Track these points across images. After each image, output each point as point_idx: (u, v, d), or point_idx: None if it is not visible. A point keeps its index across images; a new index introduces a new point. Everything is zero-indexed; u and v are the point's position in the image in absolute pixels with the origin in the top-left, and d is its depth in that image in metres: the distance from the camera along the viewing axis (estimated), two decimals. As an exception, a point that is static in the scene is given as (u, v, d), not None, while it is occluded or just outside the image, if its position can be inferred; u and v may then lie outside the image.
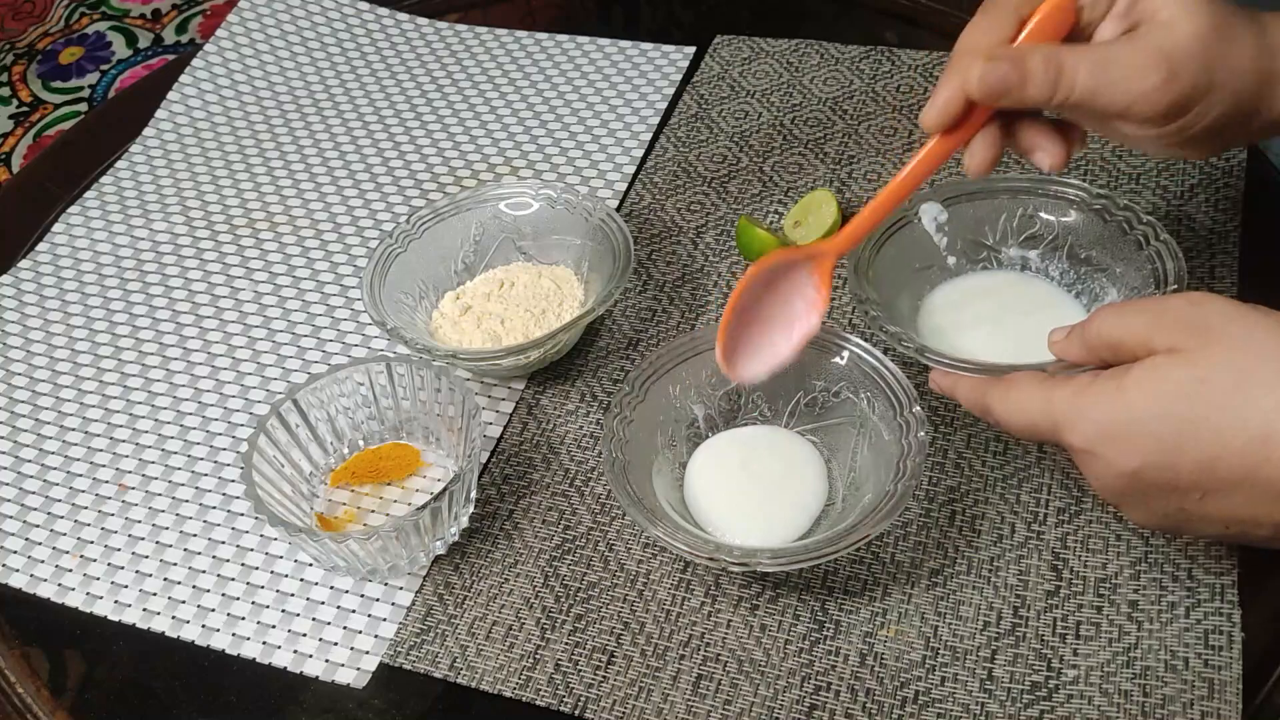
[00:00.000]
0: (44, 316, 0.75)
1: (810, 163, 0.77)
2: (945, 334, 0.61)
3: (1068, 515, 0.57)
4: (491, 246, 0.71)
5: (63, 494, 0.65)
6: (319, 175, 0.83)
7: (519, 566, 0.59)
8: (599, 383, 0.66)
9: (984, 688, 0.52)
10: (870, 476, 0.56)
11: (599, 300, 0.63)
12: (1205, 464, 0.45)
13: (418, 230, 0.69)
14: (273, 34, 0.94)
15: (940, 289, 0.64)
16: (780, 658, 0.54)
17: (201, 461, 0.66)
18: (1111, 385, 0.47)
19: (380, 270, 0.66)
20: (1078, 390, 0.48)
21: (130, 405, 0.69)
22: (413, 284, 0.68)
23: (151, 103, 0.89)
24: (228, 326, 0.73)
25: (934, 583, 0.56)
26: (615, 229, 0.66)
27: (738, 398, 0.61)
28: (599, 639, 0.55)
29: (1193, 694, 0.50)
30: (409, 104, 0.87)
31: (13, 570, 0.62)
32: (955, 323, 0.62)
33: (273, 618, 0.58)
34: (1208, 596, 0.53)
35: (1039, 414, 0.50)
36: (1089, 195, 0.62)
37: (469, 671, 0.55)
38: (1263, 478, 0.44)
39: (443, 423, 0.62)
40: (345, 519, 0.61)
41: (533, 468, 0.63)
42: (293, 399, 0.60)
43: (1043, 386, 0.50)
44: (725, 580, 0.57)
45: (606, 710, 0.53)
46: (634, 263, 0.65)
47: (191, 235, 0.79)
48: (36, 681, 0.58)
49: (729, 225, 0.74)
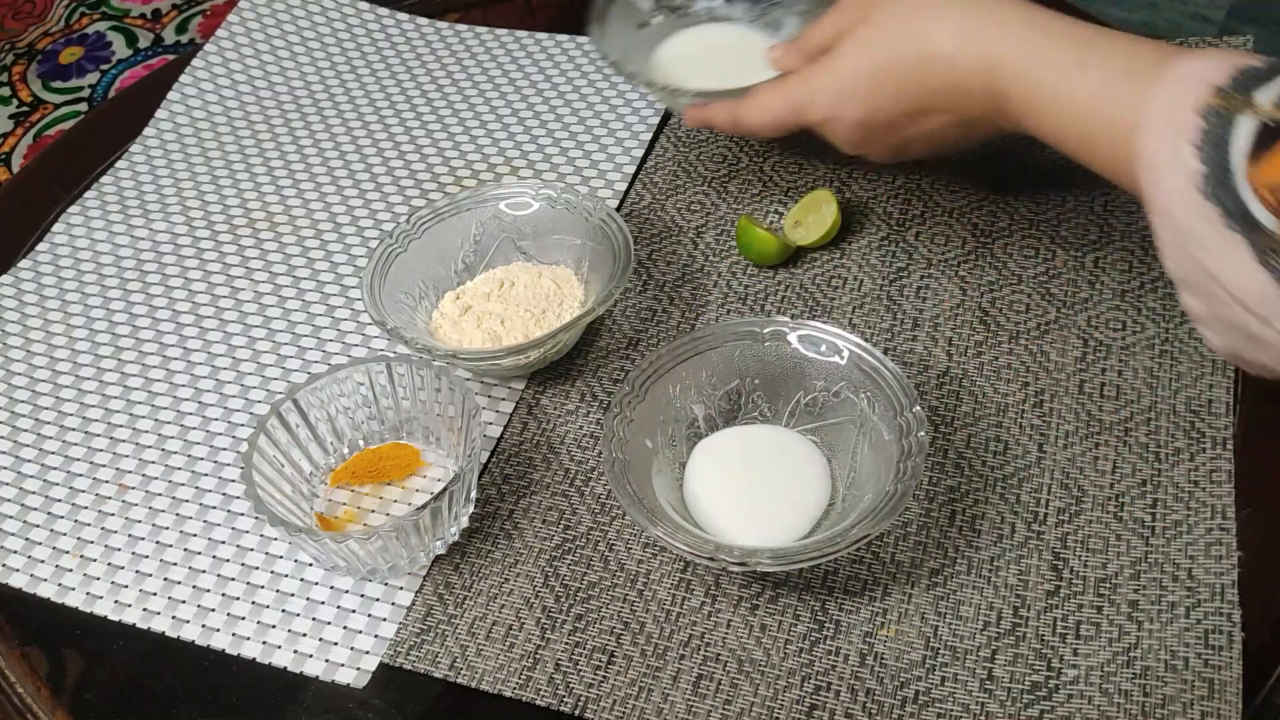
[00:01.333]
0: (44, 316, 0.75)
1: (810, 162, 0.77)
2: (682, 81, 0.72)
3: (1068, 515, 0.57)
4: (491, 246, 0.71)
5: (63, 494, 0.65)
6: (319, 175, 0.83)
7: (519, 566, 0.59)
8: (599, 383, 0.66)
9: (984, 688, 0.52)
10: (870, 476, 0.56)
11: (599, 300, 0.63)
12: (906, 92, 0.59)
13: (418, 230, 0.69)
14: (273, 34, 0.94)
15: (663, 46, 0.75)
16: (780, 658, 0.54)
17: (201, 461, 0.66)
18: (825, 62, 0.62)
19: (380, 270, 0.66)
20: (803, 77, 0.63)
21: (130, 405, 0.69)
22: (413, 284, 0.68)
23: (151, 103, 0.89)
24: (228, 326, 0.73)
25: (934, 583, 0.56)
26: (615, 229, 0.66)
27: (738, 397, 0.61)
28: (599, 639, 0.55)
29: (1193, 694, 0.50)
30: (409, 104, 0.87)
31: (13, 570, 0.62)
32: (684, 73, 0.74)
33: (273, 618, 0.58)
34: (1208, 596, 0.53)
35: (781, 107, 0.64)
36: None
37: (469, 671, 0.55)
38: (936, 85, 0.58)
39: (443, 423, 0.62)
40: (345, 519, 0.61)
41: (533, 468, 0.63)
42: (293, 399, 0.60)
43: (778, 86, 0.64)
44: (725, 580, 0.57)
45: (606, 710, 0.53)
46: (634, 263, 0.65)
47: (191, 235, 0.79)
48: (36, 681, 0.58)
49: (729, 225, 0.74)
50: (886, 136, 0.62)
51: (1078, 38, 0.54)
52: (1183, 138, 0.48)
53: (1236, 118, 0.47)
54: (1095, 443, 0.60)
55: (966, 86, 0.57)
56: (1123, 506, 0.57)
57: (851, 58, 0.61)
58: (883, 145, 0.63)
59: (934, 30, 0.58)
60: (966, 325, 0.66)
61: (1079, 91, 0.53)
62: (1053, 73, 0.54)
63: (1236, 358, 0.51)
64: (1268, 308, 0.47)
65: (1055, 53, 0.54)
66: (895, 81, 0.59)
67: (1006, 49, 0.56)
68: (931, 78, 0.58)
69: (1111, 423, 0.61)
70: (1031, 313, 0.66)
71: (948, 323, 0.67)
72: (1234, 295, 0.47)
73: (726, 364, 0.61)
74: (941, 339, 0.66)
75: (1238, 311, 0.48)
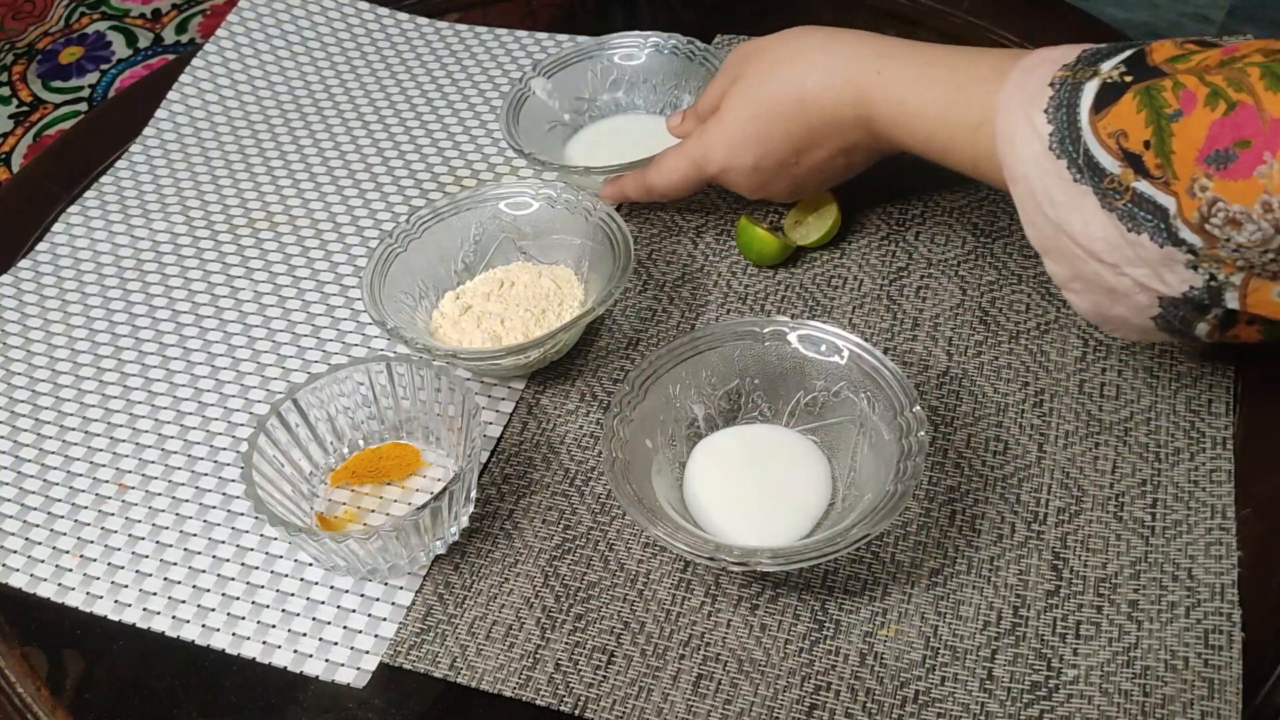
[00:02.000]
0: (44, 316, 0.75)
1: (810, 162, 0.77)
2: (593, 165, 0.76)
3: (1068, 515, 0.57)
4: (491, 246, 0.71)
5: (63, 494, 0.65)
6: (319, 175, 0.83)
7: (519, 566, 0.59)
8: (599, 383, 0.66)
9: (984, 687, 0.52)
10: (870, 476, 0.56)
11: (599, 300, 0.63)
12: (791, 132, 0.64)
13: (417, 230, 0.69)
14: (273, 34, 0.94)
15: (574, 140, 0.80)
16: (780, 657, 0.54)
17: (201, 461, 0.66)
18: (714, 120, 0.67)
19: (380, 270, 0.66)
20: (698, 135, 0.68)
21: (130, 405, 0.69)
22: (413, 284, 0.68)
23: (151, 102, 0.89)
24: (228, 326, 0.73)
25: (934, 582, 0.56)
26: (615, 228, 0.66)
27: (738, 397, 0.61)
28: (599, 639, 0.55)
29: (1193, 694, 0.50)
30: (409, 104, 0.87)
31: (13, 570, 0.62)
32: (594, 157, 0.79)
33: (273, 617, 0.58)
34: (1208, 596, 0.53)
35: (683, 165, 0.68)
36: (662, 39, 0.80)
37: (469, 671, 0.55)
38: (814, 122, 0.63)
39: (443, 422, 0.62)
40: (345, 519, 0.61)
41: (533, 467, 0.63)
42: (293, 399, 0.60)
43: (678, 148, 0.69)
44: (725, 580, 0.57)
45: (606, 710, 0.53)
46: (634, 262, 0.65)
47: (191, 235, 0.79)
48: (36, 681, 0.58)
49: (729, 225, 0.74)
50: (781, 176, 0.67)
51: (924, 56, 0.60)
52: (1035, 108, 0.53)
53: (1084, 85, 0.52)
54: (1095, 442, 0.60)
55: (840, 118, 0.62)
56: (1123, 506, 0.57)
57: (736, 110, 0.65)
58: (779, 185, 0.68)
59: (802, 73, 0.63)
60: (966, 325, 0.66)
61: (930, 102, 0.59)
62: (906, 90, 0.59)
63: (1102, 318, 0.55)
64: (1116, 254, 0.51)
65: (906, 73, 0.60)
66: (779, 123, 0.64)
67: (863, 77, 0.61)
68: (809, 115, 0.63)
69: (1111, 422, 0.61)
70: (1031, 313, 0.66)
71: (948, 323, 0.67)
72: (1086, 249, 0.52)
73: (726, 364, 0.61)
74: (941, 339, 0.66)
75: (1093, 266, 0.52)
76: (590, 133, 0.81)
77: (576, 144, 0.80)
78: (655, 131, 0.77)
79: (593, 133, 0.81)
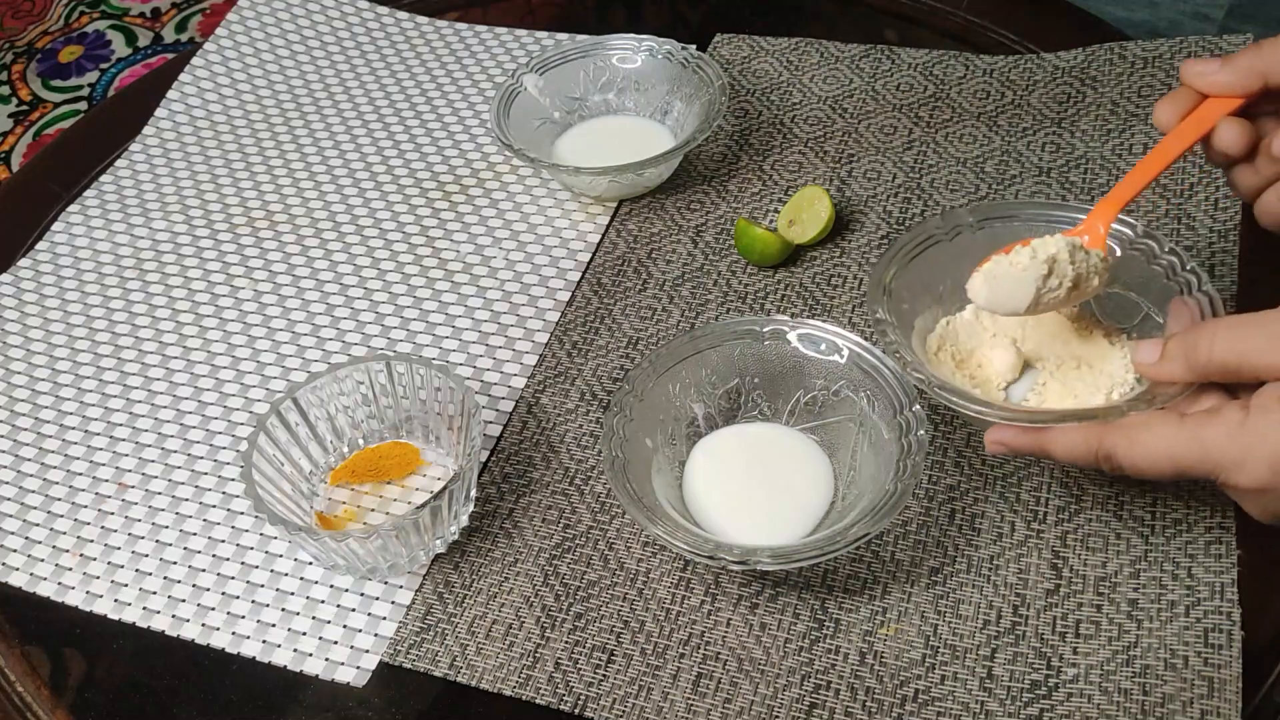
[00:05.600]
0: (44, 316, 0.75)
1: (810, 161, 0.77)
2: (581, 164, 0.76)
3: (1067, 514, 0.57)
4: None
5: (63, 494, 0.65)
6: (319, 174, 0.83)
7: (519, 565, 0.59)
8: (599, 382, 0.67)
9: (984, 686, 0.52)
10: (870, 475, 0.56)
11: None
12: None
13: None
14: (273, 33, 0.94)
15: (562, 138, 0.81)
16: (780, 656, 0.54)
17: (201, 461, 0.66)
18: (1273, 418, 0.46)
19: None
20: (1233, 428, 0.47)
21: (130, 405, 0.69)
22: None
23: (151, 101, 0.89)
24: (228, 326, 0.73)
25: (934, 581, 0.56)
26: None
27: (737, 396, 0.61)
28: (599, 637, 0.55)
29: (1192, 692, 0.50)
30: (409, 103, 0.87)
31: (13, 569, 0.62)
32: (582, 156, 0.79)
33: (272, 616, 0.58)
34: (1207, 595, 0.53)
35: (1190, 456, 0.48)
36: (657, 45, 0.80)
37: (469, 670, 0.55)
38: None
39: (443, 421, 0.62)
40: (345, 518, 0.61)
41: (533, 467, 0.63)
42: (293, 398, 0.60)
43: (1184, 426, 0.48)
44: (725, 579, 0.57)
45: (606, 709, 0.53)
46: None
47: (191, 234, 0.79)
48: (36, 681, 0.58)
49: (729, 224, 0.74)
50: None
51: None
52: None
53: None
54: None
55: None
56: (1122, 505, 0.57)
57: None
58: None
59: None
60: (966, 324, 0.66)
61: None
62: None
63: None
64: None
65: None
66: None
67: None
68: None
69: (1111, 421, 0.61)
70: (1031, 312, 0.66)
71: (947, 322, 0.67)
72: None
73: (726, 363, 0.61)
74: (941, 338, 0.66)
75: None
76: (579, 132, 0.82)
77: (565, 142, 0.81)
78: (643, 135, 0.80)
79: (581, 132, 0.82)
